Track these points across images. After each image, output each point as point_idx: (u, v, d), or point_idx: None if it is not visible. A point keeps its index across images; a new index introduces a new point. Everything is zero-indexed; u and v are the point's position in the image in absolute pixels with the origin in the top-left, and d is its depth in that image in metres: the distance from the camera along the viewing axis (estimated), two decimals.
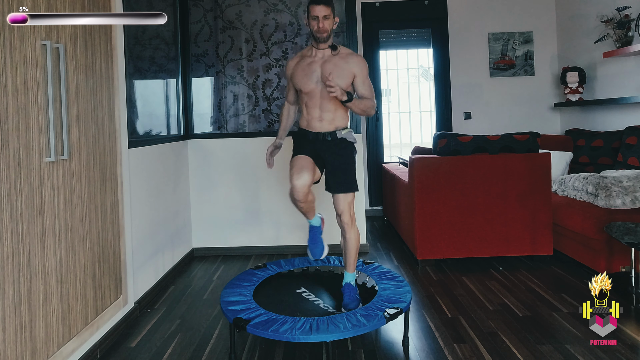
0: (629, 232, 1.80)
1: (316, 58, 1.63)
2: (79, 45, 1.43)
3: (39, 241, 1.20)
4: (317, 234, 1.70)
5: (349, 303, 1.58)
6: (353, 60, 1.60)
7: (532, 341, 1.51)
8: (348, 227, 1.63)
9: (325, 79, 1.53)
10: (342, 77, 1.58)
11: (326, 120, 1.62)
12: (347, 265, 1.68)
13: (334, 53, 1.62)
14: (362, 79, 1.61)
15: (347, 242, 1.66)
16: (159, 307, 1.93)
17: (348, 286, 1.64)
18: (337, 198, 1.62)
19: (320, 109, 1.62)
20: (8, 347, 1.08)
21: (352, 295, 1.61)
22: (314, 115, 1.63)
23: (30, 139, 1.17)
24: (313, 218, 1.71)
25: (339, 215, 1.63)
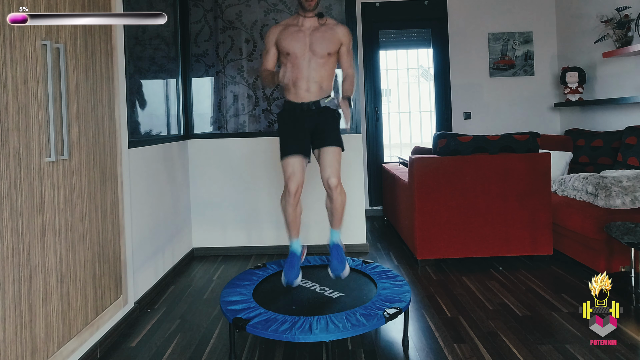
0: (628, 232, 1.80)
1: (303, 27, 1.66)
2: (79, 45, 1.43)
3: (39, 241, 1.20)
4: (296, 261, 1.69)
5: (337, 267, 1.61)
6: (340, 30, 1.70)
7: (532, 341, 1.52)
8: (336, 189, 1.64)
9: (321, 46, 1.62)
10: (330, 44, 1.67)
11: (313, 90, 1.67)
12: (334, 222, 1.70)
13: (321, 22, 1.67)
14: (347, 48, 1.72)
15: (334, 202, 1.66)
16: (159, 307, 1.93)
17: (336, 247, 1.67)
18: (326, 154, 1.64)
19: (308, 80, 1.66)
20: (8, 346, 1.08)
21: (340, 255, 1.63)
22: (302, 86, 1.67)
23: (30, 139, 1.17)
24: (296, 239, 1.73)
25: (327, 178, 1.63)
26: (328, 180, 1.63)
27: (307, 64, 1.65)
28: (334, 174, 1.63)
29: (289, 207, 1.66)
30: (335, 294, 1.62)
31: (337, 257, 1.63)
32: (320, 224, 2.63)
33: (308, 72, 1.66)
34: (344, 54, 1.72)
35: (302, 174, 1.64)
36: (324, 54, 1.66)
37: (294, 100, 1.70)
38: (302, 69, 1.65)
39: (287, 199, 1.65)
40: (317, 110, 1.68)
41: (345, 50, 1.72)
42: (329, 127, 1.69)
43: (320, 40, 1.65)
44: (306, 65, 1.65)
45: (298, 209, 1.69)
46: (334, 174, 1.63)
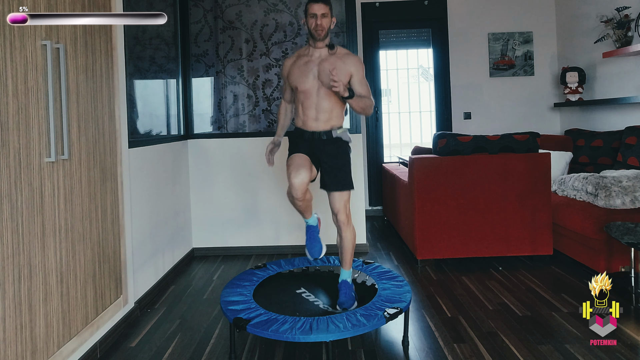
0: (628, 232, 1.80)
1: (313, 57, 1.64)
2: (79, 45, 1.43)
3: (39, 241, 1.20)
4: (315, 233, 1.70)
5: (344, 301, 1.58)
6: (350, 60, 1.61)
7: (532, 341, 1.52)
8: (344, 226, 1.64)
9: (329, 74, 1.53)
10: (340, 75, 1.58)
11: (322, 120, 1.63)
12: (344, 263, 1.68)
13: (331, 52, 1.63)
14: (359, 79, 1.62)
15: (343, 240, 1.66)
16: (159, 307, 1.93)
17: (344, 284, 1.64)
18: (333, 196, 1.63)
19: (316, 109, 1.62)
20: (8, 346, 1.08)
21: (348, 293, 1.61)
22: (310, 115, 1.63)
23: (30, 138, 1.17)
24: (310, 217, 1.71)
25: (335, 214, 1.63)
26: (336, 216, 1.63)
27: (316, 93, 1.61)
28: (342, 212, 1.62)
29: (296, 201, 1.60)
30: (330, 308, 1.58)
31: (345, 295, 1.61)
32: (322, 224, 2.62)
33: (317, 101, 1.61)
34: (355, 84, 1.60)
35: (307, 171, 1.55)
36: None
37: (302, 127, 1.66)
38: (311, 99, 1.61)
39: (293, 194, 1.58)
40: (328, 140, 1.62)
41: (357, 81, 1.60)
42: (339, 166, 1.62)
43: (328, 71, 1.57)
44: (315, 95, 1.61)
45: (307, 198, 1.61)
46: (341, 212, 1.62)
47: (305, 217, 1.70)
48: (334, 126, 1.65)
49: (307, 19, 1.61)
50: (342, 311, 1.52)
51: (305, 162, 1.59)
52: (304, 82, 1.61)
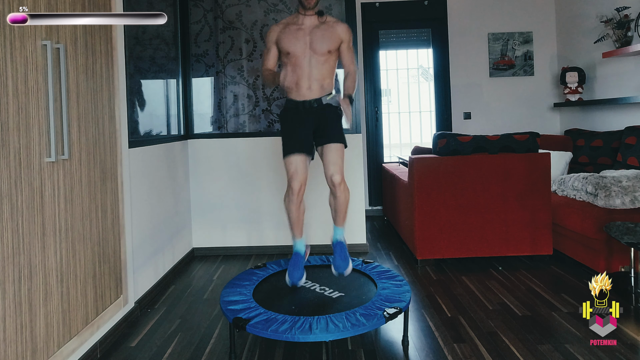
0: (628, 231, 1.80)
1: (303, 25, 1.66)
2: (79, 45, 1.43)
3: (40, 241, 1.20)
4: (300, 261, 1.69)
5: (341, 264, 1.61)
6: (340, 27, 1.69)
7: (532, 341, 1.52)
8: (340, 186, 1.64)
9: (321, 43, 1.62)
10: (330, 42, 1.66)
11: (315, 89, 1.67)
12: (338, 220, 1.70)
13: (321, 20, 1.67)
14: (347, 45, 1.72)
15: (337, 199, 1.67)
16: (159, 307, 1.93)
17: (339, 245, 1.67)
18: (330, 151, 1.65)
19: (309, 78, 1.66)
20: (9, 346, 1.08)
21: (343, 253, 1.64)
22: (303, 84, 1.66)
23: (30, 138, 1.17)
24: (300, 239, 1.72)
25: (331, 175, 1.63)
26: (332, 178, 1.63)
27: (308, 62, 1.65)
28: (338, 172, 1.63)
29: (292, 205, 1.65)
30: (335, 293, 1.62)
31: (341, 255, 1.64)
32: (322, 224, 2.63)
33: (309, 70, 1.66)
34: (344, 50, 1.72)
35: (305, 172, 1.64)
36: (324, 51, 1.66)
37: (295, 98, 1.69)
38: (303, 67, 1.65)
39: (291, 198, 1.65)
40: (319, 107, 1.68)
41: (346, 47, 1.71)
42: (332, 124, 1.69)
43: (321, 38, 1.65)
44: (307, 64, 1.65)
45: (301, 208, 1.68)
46: (337, 171, 1.63)
47: (295, 236, 1.72)
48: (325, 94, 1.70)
49: None
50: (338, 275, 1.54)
51: (302, 163, 1.64)
52: (296, 46, 1.64)
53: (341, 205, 1.68)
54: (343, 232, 1.73)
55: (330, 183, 1.66)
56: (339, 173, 1.64)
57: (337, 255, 1.66)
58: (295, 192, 1.62)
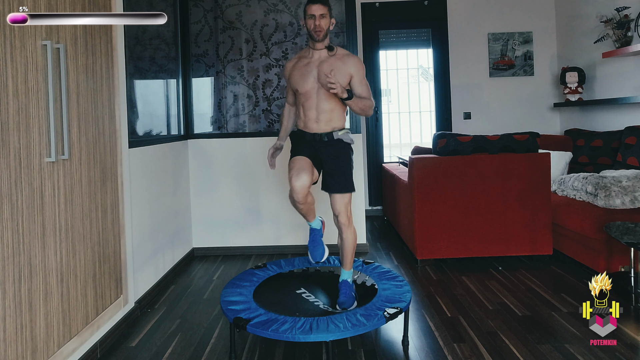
0: (628, 231, 1.80)
1: (313, 59, 1.64)
2: (79, 45, 1.43)
3: (40, 241, 1.20)
4: (318, 236, 1.69)
5: (345, 301, 1.58)
6: (350, 61, 1.60)
7: (532, 341, 1.52)
8: (345, 227, 1.64)
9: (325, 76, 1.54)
10: (339, 77, 1.58)
11: (323, 121, 1.62)
12: (344, 264, 1.69)
13: (331, 54, 1.63)
14: (359, 80, 1.61)
15: (344, 241, 1.67)
16: (160, 307, 1.93)
17: (344, 284, 1.65)
18: (334, 198, 1.63)
19: (317, 110, 1.62)
20: (9, 346, 1.08)
21: (347, 293, 1.62)
22: (311, 116, 1.62)
23: (30, 138, 1.17)
24: (313, 220, 1.71)
25: (336, 216, 1.64)
26: (337, 217, 1.63)
27: (316, 94, 1.61)
28: (343, 214, 1.62)
29: (297, 204, 1.60)
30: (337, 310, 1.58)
31: (345, 295, 1.61)
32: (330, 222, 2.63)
33: (317, 102, 1.60)
34: (355, 85, 1.60)
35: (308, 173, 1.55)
36: None
37: (303, 129, 1.66)
38: (311, 100, 1.61)
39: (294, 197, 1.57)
40: (329, 142, 1.62)
41: (358, 82, 1.60)
42: (340, 168, 1.62)
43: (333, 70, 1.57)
44: (315, 96, 1.61)
45: (309, 200, 1.61)
46: (342, 213, 1.62)
47: (308, 221, 1.71)
48: (335, 128, 1.64)
49: (306, 20, 1.61)
50: (342, 311, 1.52)
51: (307, 165, 1.58)
52: (304, 84, 1.62)
53: (347, 248, 1.66)
54: (350, 275, 1.68)
55: (335, 222, 1.66)
56: (345, 216, 1.62)
57: (341, 294, 1.62)
58: (297, 191, 1.53)
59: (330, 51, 1.63)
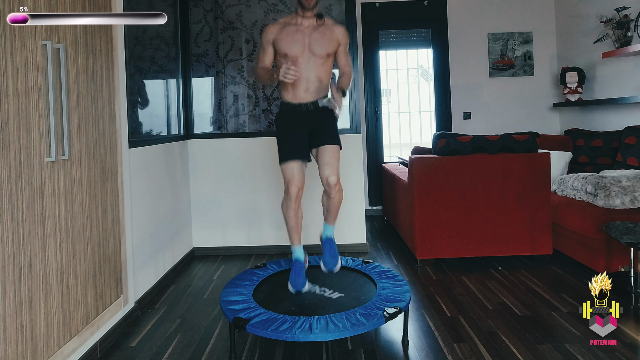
0: (628, 231, 1.80)
1: (302, 27, 1.65)
2: (79, 45, 1.43)
3: (40, 241, 1.20)
4: (302, 269, 1.68)
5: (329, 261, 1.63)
6: (338, 30, 1.70)
7: (532, 340, 1.52)
8: (337, 187, 1.64)
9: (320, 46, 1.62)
10: (329, 45, 1.66)
11: (312, 91, 1.66)
12: (330, 219, 1.72)
13: (320, 22, 1.65)
14: (344, 48, 1.73)
15: (331, 199, 1.67)
16: (160, 307, 1.93)
17: (328, 241, 1.69)
18: (325, 154, 1.64)
19: (307, 80, 1.65)
20: (9, 346, 1.08)
21: (333, 250, 1.66)
22: (300, 87, 1.65)
23: (31, 138, 1.17)
24: (298, 246, 1.72)
25: (327, 177, 1.62)
26: (327, 179, 1.63)
27: (306, 64, 1.64)
28: (334, 173, 1.63)
29: (290, 211, 1.65)
30: (335, 294, 1.62)
31: (330, 251, 1.65)
32: (318, 224, 2.63)
33: (307, 72, 1.64)
34: (341, 53, 1.72)
35: (302, 177, 1.64)
36: (323, 54, 1.65)
37: (291, 100, 1.68)
38: (300, 69, 1.63)
39: (289, 203, 1.65)
40: (315, 110, 1.68)
41: (343, 50, 1.72)
42: (327, 126, 1.69)
43: (319, 41, 1.64)
44: (305, 65, 1.64)
45: (299, 213, 1.69)
46: (333, 172, 1.63)
47: (294, 243, 1.72)
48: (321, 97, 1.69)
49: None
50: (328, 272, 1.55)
51: (300, 169, 1.64)
52: (295, 48, 1.62)
53: (335, 205, 1.69)
54: (333, 230, 1.75)
55: (325, 184, 1.65)
56: (335, 174, 1.63)
57: (326, 252, 1.67)
58: (293, 197, 1.62)
59: (319, 19, 1.66)
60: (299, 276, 1.65)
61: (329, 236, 1.73)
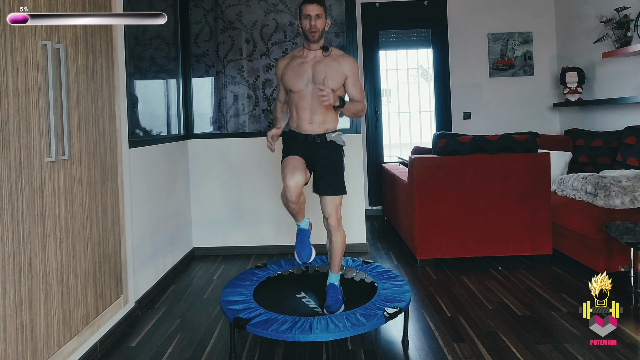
0: (627, 231, 1.80)
1: (307, 59, 1.63)
2: (79, 45, 1.43)
3: (40, 241, 1.20)
4: (305, 237, 1.68)
5: (331, 305, 1.58)
6: (344, 62, 1.61)
7: (531, 340, 1.52)
8: (335, 230, 1.62)
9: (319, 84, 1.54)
10: (334, 78, 1.59)
11: (316, 123, 1.62)
12: (332, 267, 1.67)
13: (326, 54, 1.62)
14: (352, 81, 1.62)
15: (332, 244, 1.65)
16: (160, 307, 1.93)
17: (332, 287, 1.64)
18: (325, 200, 1.62)
19: (311, 111, 1.61)
20: (9, 346, 1.08)
21: (335, 296, 1.61)
22: (304, 117, 1.62)
23: (31, 138, 1.17)
24: (302, 221, 1.71)
25: (326, 218, 1.62)
26: (327, 220, 1.62)
27: (310, 95, 1.60)
28: (333, 216, 1.61)
29: (290, 203, 1.60)
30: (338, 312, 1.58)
31: (332, 298, 1.61)
32: (318, 223, 2.63)
33: (311, 103, 1.60)
34: (350, 86, 1.62)
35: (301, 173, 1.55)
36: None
37: (296, 130, 1.66)
38: (305, 101, 1.61)
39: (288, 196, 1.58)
40: (322, 144, 1.62)
41: (352, 83, 1.62)
42: (332, 170, 1.61)
43: (323, 73, 1.58)
44: (309, 96, 1.60)
45: (300, 201, 1.62)
46: (332, 215, 1.60)
47: (297, 221, 1.71)
48: (329, 129, 1.64)
49: (301, 20, 1.60)
50: (329, 314, 1.52)
51: (300, 164, 1.58)
52: (298, 83, 1.61)
53: (336, 250, 1.65)
54: (338, 278, 1.68)
55: (325, 224, 1.64)
56: (335, 218, 1.61)
57: (328, 298, 1.62)
58: (291, 190, 1.53)
59: (325, 51, 1.62)
60: (303, 247, 1.64)
61: (332, 282, 1.66)
